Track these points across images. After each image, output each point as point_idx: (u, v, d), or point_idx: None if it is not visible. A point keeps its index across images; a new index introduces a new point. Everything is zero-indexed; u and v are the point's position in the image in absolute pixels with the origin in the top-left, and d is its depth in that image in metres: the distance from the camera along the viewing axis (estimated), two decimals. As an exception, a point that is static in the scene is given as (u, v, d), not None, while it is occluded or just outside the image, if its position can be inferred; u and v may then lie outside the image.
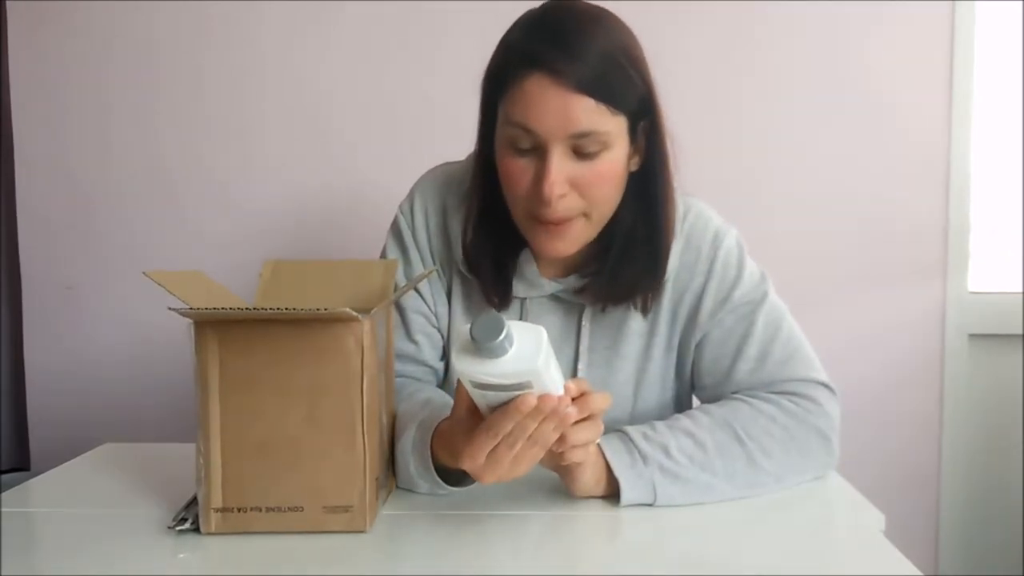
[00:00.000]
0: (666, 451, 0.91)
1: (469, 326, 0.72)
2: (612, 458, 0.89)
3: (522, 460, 0.80)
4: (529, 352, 0.73)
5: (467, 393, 0.80)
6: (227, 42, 1.73)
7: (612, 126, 0.92)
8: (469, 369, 0.74)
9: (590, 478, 0.90)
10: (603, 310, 1.05)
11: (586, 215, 0.96)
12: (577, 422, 0.82)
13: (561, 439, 0.80)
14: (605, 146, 0.92)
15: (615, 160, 0.94)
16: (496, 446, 0.78)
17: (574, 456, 0.84)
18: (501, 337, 0.71)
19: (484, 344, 0.72)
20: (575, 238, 0.97)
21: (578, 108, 0.89)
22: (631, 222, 1.00)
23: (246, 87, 1.73)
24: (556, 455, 0.83)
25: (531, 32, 0.93)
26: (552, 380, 0.77)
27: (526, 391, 0.75)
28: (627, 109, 0.92)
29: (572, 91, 0.89)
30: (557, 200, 0.92)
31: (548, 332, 1.05)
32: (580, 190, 0.93)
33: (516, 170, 0.94)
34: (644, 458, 0.90)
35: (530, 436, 0.78)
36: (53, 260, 1.77)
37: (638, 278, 1.02)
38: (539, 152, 0.92)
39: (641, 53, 0.95)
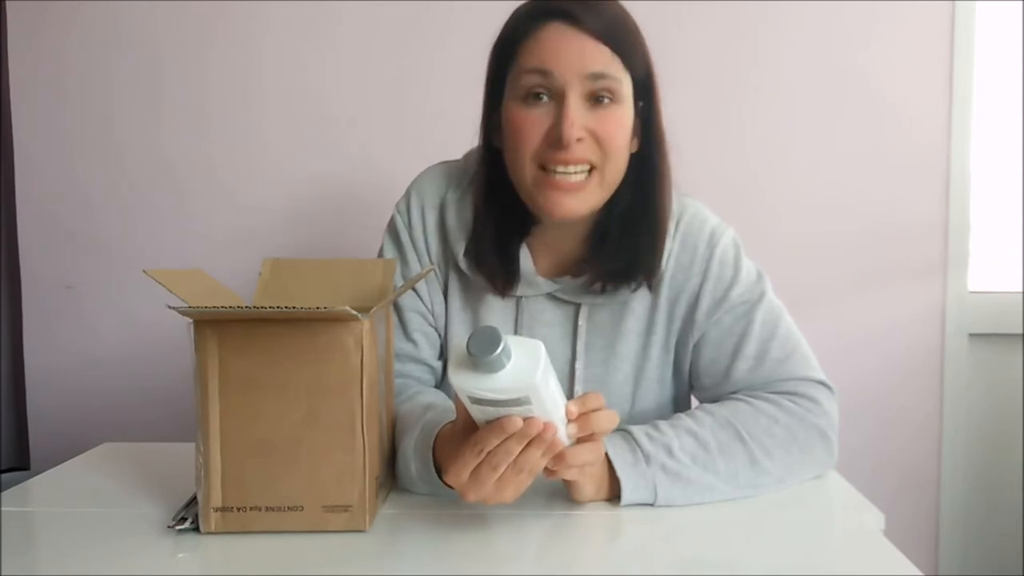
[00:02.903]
0: (669, 451, 0.91)
1: (466, 340, 0.71)
2: (615, 457, 0.89)
3: (507, 485, 0.79)
4: (527, 366, 0.72)
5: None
6: (228, 40, 1.73)
7: (623, 79, 0.95)
8: (466, 384, 0.73)
9: (592, 487, 0.89)
10: (603, 290, 1.04)
11: (598, 169, 0.96)
12: (579, 440, 0.82)
13: (559, 456, 0.80)
14: (617, 97, 0.95)
15: (625, 116, 0.97)
16: (480, 465, 0.78)
17: (568, 475, 0.84)
18: (498, 351, 0.70)
19: (481, 358, 0.71)
20: (586, 197, 0.97)
21: (595, 50, 0.93)
22: (628, 203, 1.02)
23: (246, 86, 1.73)
24: (550, 471, 0.82)
25: None
26: (551, 397, 0.76)
27: (524, 406, 0.74)
28: (635, 72, 0.96)
29: (589, 36, 0.93)
30: (576, 143, 0.93)
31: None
32: (595, 138, 0.95)
33: (530, 121, 0.95)
34: (647, 458, 0.90)
35: (516, 462, 0.78)
36: (53, 260, 1.77)
37: (636, 259, 1.02)
38: (556, 98, 0.94)
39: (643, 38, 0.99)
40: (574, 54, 0.93)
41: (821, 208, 1.73)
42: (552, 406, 0.77)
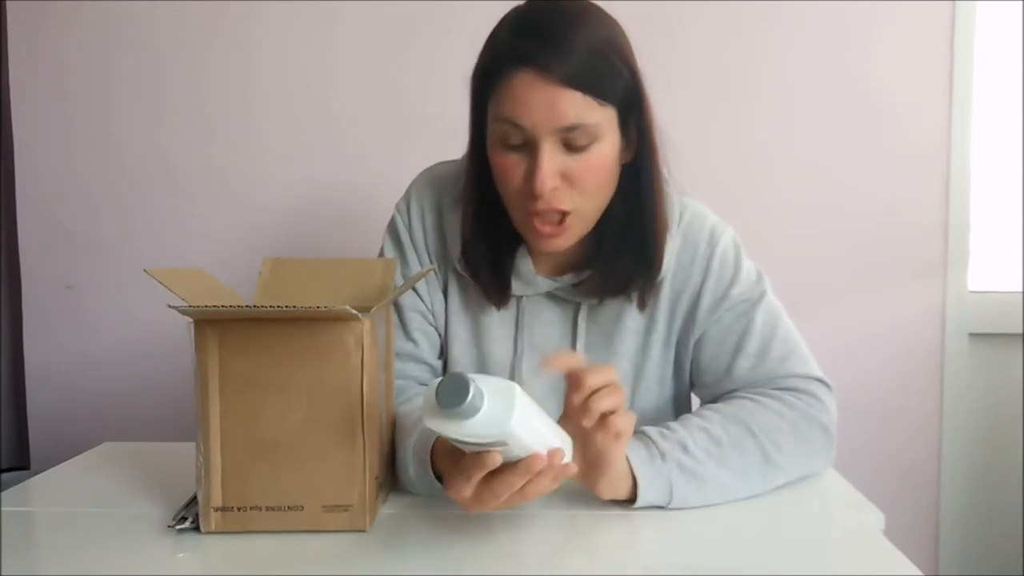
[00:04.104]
0: (684, 447, 0.90)
1: (435, 387, 0.70)
2: (631, 454, 0.88)
3: (510, 503, 0.79)
4: (500, 414, 0.70)
5: None
6: (228, 40, 1.73)
7: (600, 117, 0.92)
8: (440, 429, 0.72)
9: (616, 474, 0.87)
10: (601, 302, 1.05)
11: (579, 208, 0.96)
12: (594, 392, 0.81)
13: (594, 416, 0.79)
14: (595, 138, 0.93)
15: (605, 153, 0.94)
16: (481, 489, 0.77)
17: (618, 424, 0.82)
18: (468, 400, 0.69)
19: (450, 409, 0.69)
20: (570, 234, 0.98)
21: (566, 102, 0.90)
22: (623, 215, 1.01)
23: (247, 85, 1.74)
24: (591, 438, 0.82)
25: (517, 29, 0.93)
26: (533, 431, 0.74)
27: (503, 447, 0.73)
28: (615, 100, 0.93)
29: (559, 85, 0.89)
30: (550, 193, 0.93)
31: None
32: (571, 182, 0.94)
33: (508, 165, 0.95)
34: (662, 454, 0.89)
35: (522, 491, 0.76)
36: (53, 260, 1.77)
37: (633, 270, 1.02)
38: (530, 147, 0.93)
39: (627, 44, 0.96)
40: (544, 108, 0.89)
41: (821, 208, 1.73)
42: (535, 439, 0.75)
